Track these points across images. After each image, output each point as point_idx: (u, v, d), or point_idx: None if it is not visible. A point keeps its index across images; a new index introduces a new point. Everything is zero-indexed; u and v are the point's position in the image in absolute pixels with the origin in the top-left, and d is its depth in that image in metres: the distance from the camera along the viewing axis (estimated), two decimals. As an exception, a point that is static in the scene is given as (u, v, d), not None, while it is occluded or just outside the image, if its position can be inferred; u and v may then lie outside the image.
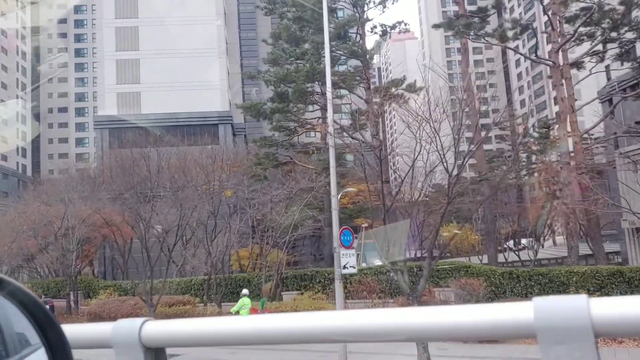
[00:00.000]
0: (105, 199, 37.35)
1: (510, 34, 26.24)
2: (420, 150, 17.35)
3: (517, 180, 34.46)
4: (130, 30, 54.45)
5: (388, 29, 32.79)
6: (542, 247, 42.83)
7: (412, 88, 26.98)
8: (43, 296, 31.90)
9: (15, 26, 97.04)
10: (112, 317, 28.02)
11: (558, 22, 25.54)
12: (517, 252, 44.17)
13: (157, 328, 1.81)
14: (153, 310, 21.64)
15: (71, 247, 31.66)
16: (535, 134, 39.79)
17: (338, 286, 17.24)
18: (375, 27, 32.64)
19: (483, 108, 19.67)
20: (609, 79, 51.87)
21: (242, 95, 61.06)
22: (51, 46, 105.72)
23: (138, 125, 48.49)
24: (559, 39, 25.51)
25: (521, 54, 32.63)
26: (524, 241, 50.49)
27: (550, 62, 25.16)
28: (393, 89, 25.80)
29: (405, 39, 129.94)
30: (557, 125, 35.22)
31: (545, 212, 39.10)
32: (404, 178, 16.87)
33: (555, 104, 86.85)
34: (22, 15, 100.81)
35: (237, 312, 20.83)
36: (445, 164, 15.09)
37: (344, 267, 17.07)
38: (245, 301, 21.02)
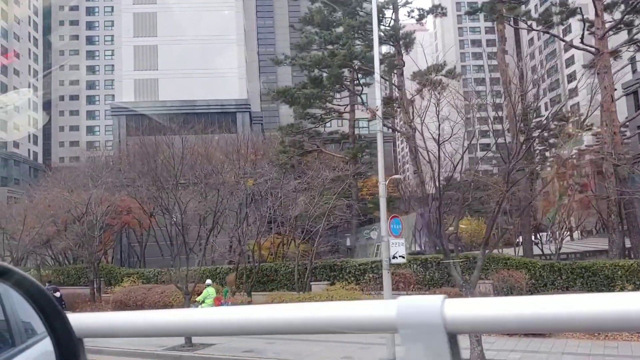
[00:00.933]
0: (125, 186, 36.90)
1: (556, 18, 25.46)
2: (472, 138, 16.77)
3: (547, 172, 33.76)
4: (149, 16, 53.77)
5: (425, 14, 31.93)
6: (561, 241, 42.15)
7: (452, 74, 26.29)
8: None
9: (27, 12, 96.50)
10: (139, 305, 27.60)
11: (601, 8, 24.76)
12: (540, 246, 43.52)
13: (461, 309, 1.39)
14: (189, 298, 21.19)
15: (95, 233, 31.23)
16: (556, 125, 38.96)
17: (386, 276, 16.66)
18: (412, 10, 31.75)
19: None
20: (634, 70, 51.01)
21: (259, 84, 60.46)
22: (63, 33, 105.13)
23: (155, 113, 47.93)
24: (602, 26, 24.73)
25: (564, 41, 31.68)
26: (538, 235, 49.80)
27: (595, 50, 24.42)
28: (433, 75, 25.12)
29: (417, 30, 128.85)
30: (572, 118, 34.52)
31: (574, 205, 38.41)
32: (456, 165, 16.20)
33: (570, 97, 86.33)
34: (34, 2, 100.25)
35: (203, 302, 21.49)
36: (508, 150, 14.47)
37: (394, 257, 16.49)
38: (209, 291, 21.76)
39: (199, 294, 27.09)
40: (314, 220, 26.44)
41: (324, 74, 30.78)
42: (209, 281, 22.90)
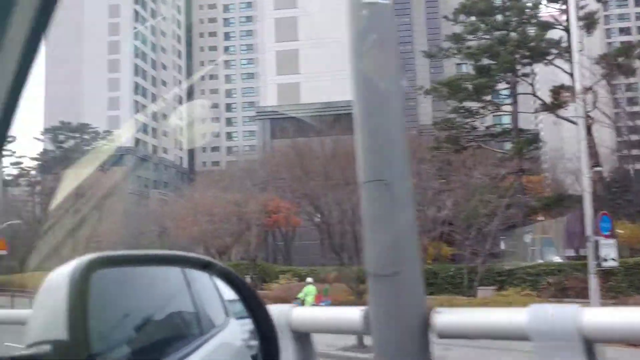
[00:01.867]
0: (276, 188, 37.74)
1: None
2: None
3: None
4: (290, 20, 54.75)
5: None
6: None
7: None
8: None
9: (171, 27, 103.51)
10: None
11: None
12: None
13: None
14: (359, 297, 20.63)
15: (252, 231, 32.01)
16: None
17: (593, 281, 14.82)
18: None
19: None
20: None
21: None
22: (202, 45, 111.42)
23: (299, 115, 48.58)
24: None
25: None
26: None
27: None
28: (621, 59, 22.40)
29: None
30: None
31: None
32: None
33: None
34: (177, 16, 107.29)
35: (303, 300, 21.42)
36: None
37: (604, 260, 14.64)
38: (310, 289, 22.09)
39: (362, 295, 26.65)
40: (480, 219, 24.86)
41: (492, 64, 28.92)
42: (309, 279, 23.38)
